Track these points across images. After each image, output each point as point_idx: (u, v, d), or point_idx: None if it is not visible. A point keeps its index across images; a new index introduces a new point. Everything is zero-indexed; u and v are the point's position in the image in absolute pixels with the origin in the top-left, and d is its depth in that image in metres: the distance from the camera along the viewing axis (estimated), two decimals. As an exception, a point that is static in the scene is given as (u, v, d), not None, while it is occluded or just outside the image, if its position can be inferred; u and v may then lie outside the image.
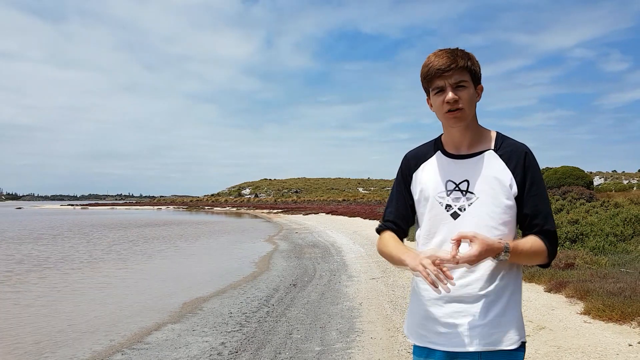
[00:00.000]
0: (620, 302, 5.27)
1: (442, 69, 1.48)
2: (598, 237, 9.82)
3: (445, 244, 1.53)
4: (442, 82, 1.50)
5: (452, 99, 1.49)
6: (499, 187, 1.51)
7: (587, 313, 5.32)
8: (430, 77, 1.52)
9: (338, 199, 79.84)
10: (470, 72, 1.51)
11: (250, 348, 5.01)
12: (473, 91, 1.53)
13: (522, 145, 1.57)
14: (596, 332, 4.72)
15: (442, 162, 1.61)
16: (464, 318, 1.50)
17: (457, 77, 1.49)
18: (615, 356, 4.03)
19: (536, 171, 1.54)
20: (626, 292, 5.67)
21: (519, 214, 1.53)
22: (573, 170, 20.62)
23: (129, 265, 12.65)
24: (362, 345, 4.92)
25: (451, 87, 1.50)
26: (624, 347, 4.24)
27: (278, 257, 13.52)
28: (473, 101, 1.53)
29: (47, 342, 5.69)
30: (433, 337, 1.55)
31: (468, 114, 1.53)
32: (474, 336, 1.48)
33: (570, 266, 7.87)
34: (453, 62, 1.48)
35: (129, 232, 25.82)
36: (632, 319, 4.89)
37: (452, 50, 1.52)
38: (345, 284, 8.61)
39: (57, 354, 5.21)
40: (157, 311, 7.12)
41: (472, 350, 1.49)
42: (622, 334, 4.60)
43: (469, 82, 1.51)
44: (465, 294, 1.50)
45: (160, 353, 5.00)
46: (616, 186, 48.94)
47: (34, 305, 7.76)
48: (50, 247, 17.19)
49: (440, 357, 1.55)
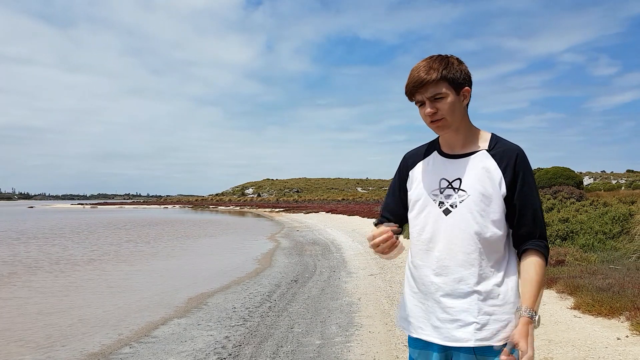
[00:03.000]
0: (608, 297, 5.27)
1: (416, 85, 1.50)
2: (587, 234, 9.82)
3: (436, 239, 1.54)
4: (420, 97, 1.52)
5: (430, 112, 1.51)
6: (489, 185, 1.51)
7: (577, 308, 5.32)
8: (409, 93, 1.54)
9: (337, 198, 79.78)
10: (447, 80, 1.49)
11: (253, 342, 5.01)
12: (454, 98, 1.51)
13: (515, 146, 1.56)
14: (586, 326, 4.72)
15: (437, 161, 1.62)
16: (459, 313, 1.49)
17: (433, 90, 1.49)
18: (604, 349, 4.03)
19: (527, 172, 1.53)
20: (614, 287, 5.67)
21: (508, 212, 1.53)
22: (563, 170, 20.58)
23: (136, 262, 12.64)
24: (361, 339, 4.92)
25: (429, 100, 1.50)
26: (613, 340, 4.24)
27: (280, 254, 13.51)
28: (455, 108, 1.52)
29: (58, 335, 5.69)
30: (429, 330, 1.54)
31: (451, 121, 1.53)
32: (469, 331, 1.48)
33: (560, 263, 7.87)
34: (426, 76, 1.48)
35: (137, 230, 25.82)
36: (620, 313, 4.89)
37: (428, 62, 1.51)
38: (344, 280, 8.61)
39: (68, 347, 5.21)
40: (164, 306, 7.12)
41: (467, 346, 1.48)
42: (611, 328, 4.60)
43: (447, 92, 1.50)
44: (461, 289, 1.50)
45: (167, 346, 5.00)
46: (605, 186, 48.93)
47: (44, 301, 7.75)
48: (58, 245, 17.19)
49: (436, 349, 1.54)
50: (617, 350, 4.00)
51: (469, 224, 1.50)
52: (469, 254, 1.50)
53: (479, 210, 1.50)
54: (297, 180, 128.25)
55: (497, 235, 1.50)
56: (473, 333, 1.47)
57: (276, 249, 15.05)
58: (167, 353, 4.77)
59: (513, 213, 1.52)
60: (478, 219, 1.50)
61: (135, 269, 11.31)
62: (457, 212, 1.52)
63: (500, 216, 1.51)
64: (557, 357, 3.93)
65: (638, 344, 4.10)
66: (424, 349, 1.57)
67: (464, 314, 1.49)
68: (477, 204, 1.50)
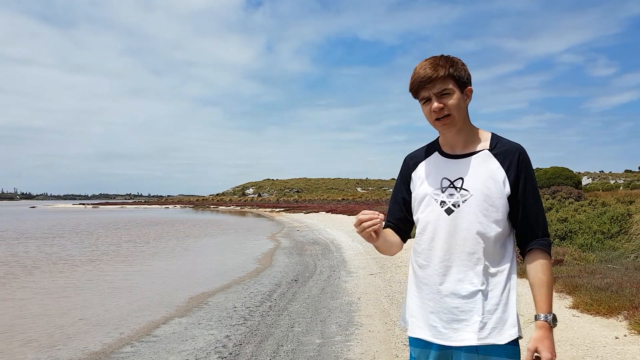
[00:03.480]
0: (607, 296, 5.27)
1: (424, 81, 1.50)
2: (586, 234, 9.82)
3: (439, 238, 1.54)
4: (426, 93, 1.51)
5: (437, 107, 1.50)
6: (493, 185, 1.50)
7: (576, 307, 5.31)
8: (415, 90, 1.53)
9: (337, 198, 79.77)
10: (453, 78, 1.50)
11: (254, 341, 5.01)
12: (459, 95, 1.52)
13: (517, 145, 1.56)
14: (584, 325, 4.72)
15: (439, 161, 1.61)
16: (464, 312, 1.49)
17: (440, 86, 1.49)
18: (602, 348, 4.03)
19: (530, 170, 1.53)
20: (613, 287, 5.67)
21: (512, 211, 1.52)
22: (562, 170, 20.57)
23: (137, 262, 12.64)
24: (361, 338, 4.92)
25: (435, 96, 1.50)
26: (611, 339, 4.24)
27: (280, 254, 13.51)
28: (460, 105, 1.52)
29: (59, 335, 5.69)
30: (431, 330, 1.54)
31: (457, 118, 1.53)
32: (473, 330, 1.47)
33: (559, 262, 7.87)
34: (434, 72, 1.48)
35: (138, 230, 25.82)
36: (618, 313, 4.89)
37: (434, 59, 1.52)
38: (344, 280, 8.60)
39: (70, 346, 5.21)
40: (165, 305, 7.12)
41: (469, 345, 1.48)
42: (609, 327, 4.60)
43: (454, 88, 1.51)
44: (465, 288, 1.49)
45: (168, 345, 5.00)
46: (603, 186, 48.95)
47: (45, 301, 7.75)
48: (57, 245, 17.19)
49: (436, 349, 1.54)
50: (616, 349, 4.00)
51: (472, 223, 1.49)
52: (472, 253, 1.49)
53: (482, 210, 1.50)
54: (297, 181, 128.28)
55: (499, 235, 1.50)
56: (477, 332, 1.47)
57: (276, 249, 15.05)
58: (169, 352, 4.76)
59: (517, 212, 1.52)
60: (481, 218, 1.49)
61: (136, 269, 11.31)
62: (460, 211, 1.51)
63: (504, 215, 1.51)
64: (556, 355, 3.92)
65: (636, 343, 4.09)
66: (425, 348, 1.57)
67: (468, 313, 1.48)
68: (480, 204, 1.50)
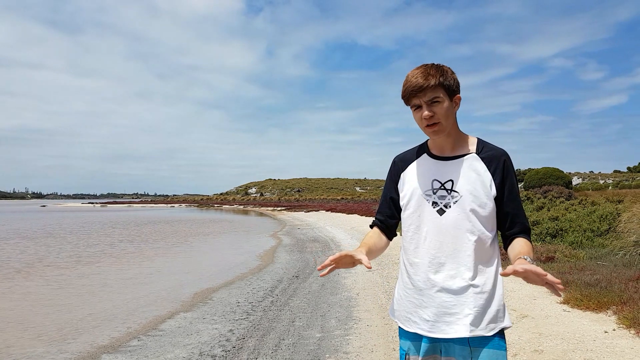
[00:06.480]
0: (596, 292, 5.27)
1: (415, 89, 1.51)
2: (576, 232, 9.82)
3: (431, 237, 1.56)
4: (418, 101, 1.53)
5: (428, 115, 1.52)
6: (480, 187, 1.54)
7: (567, 303, 5.32)
8: (407, 97, 1.55)
9: (337, 197, 79.80)
10: (443, 87, 1.52)
11: (256, 334, 5.01)
12: (448, 103, 1.54)
13: (502, 150, 1.60)
14: (575, 320, 4.72)
15: (428, 163, 1.63)
16: (455, 306, 1.51)
17: (430, 94, 1.51)
18: (592, 342, 4.03)
19: (513, 173, 1.59)
20: (602, 283, 5.67)
21: (499, 212, 1.57)
22: (553, 171, 20.59)
23: (144, 258, 12.64)
24: (359, 332, 4.92)
25: (426, 104, 1.52)
26: (600, 333, 4.24)
27: (282, 251, 13.51)
28: (449, 113, 1.55)
29: (69, 329, 5.69)
30: (421, 324, 1.56)
31: (445, 125, 1.55)
32: (465, 323, 1.50)
33: (550, 259, 7.87)
34: (425, 81, 1.50)
35: (144, 228, 25.81)
36: (607, 308, 4.89)
37: (425, 68, 1.53)
38: (343, 276, 8.60)
39: (79, 340, 5.21)
40: (170, 301, 7.12)
41: (458, 337, 1.50)
42: (599, 321, 4.60)
43: (443, 97, 1.52)
44: (457, 283, 1.52)
45: (174, 339, 5.01)
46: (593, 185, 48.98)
47: (55, 296, 7.76)
48: (68, 242, 17.19)
49: (426, 342, 1.56)
50: (605, 342, 4.00)
51: (462, 223, 1.53)
52: (463, 251, 1.53)
53: (472, 210, 1.53)
54: (298, 180, 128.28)
55: (488, 233, 1.55)
56: (468, 325, 1.50)
57: (278, 246, 15.04)
58: (174, 345, 4.77)
59: (502, 211, 1.57)
60: (471, 218, 1.53)
61: (143, 265, 11.30)
62: (451, 212, 1.55)
63: (491, 215, 1.56)
64: (547, 349, 3.93)
65: (624, 337, 4.10)
66: (415, 341, 1.59)
67: (460, 307, 1.51)
68: (469, 204, 1.54)
